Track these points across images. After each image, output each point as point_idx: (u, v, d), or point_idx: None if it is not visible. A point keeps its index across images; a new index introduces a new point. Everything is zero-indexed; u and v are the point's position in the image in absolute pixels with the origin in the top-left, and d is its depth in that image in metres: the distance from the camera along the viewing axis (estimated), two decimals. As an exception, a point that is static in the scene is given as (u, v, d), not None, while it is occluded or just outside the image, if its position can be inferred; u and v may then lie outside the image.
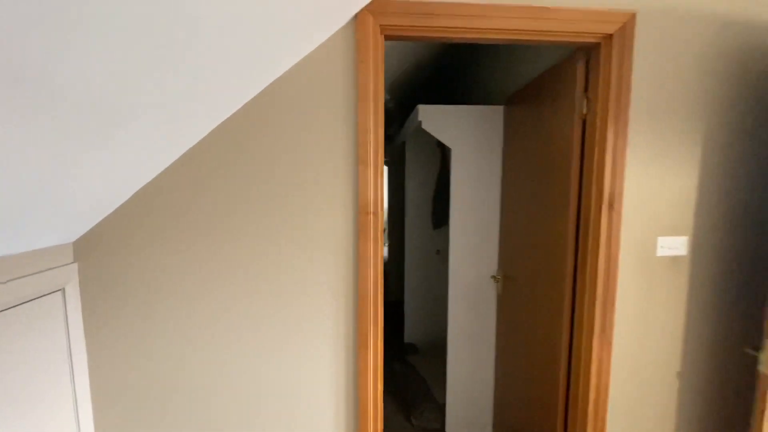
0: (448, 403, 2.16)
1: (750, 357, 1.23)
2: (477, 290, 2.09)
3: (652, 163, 1.24)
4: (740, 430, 1.35)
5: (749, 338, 1.30)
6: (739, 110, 1.24)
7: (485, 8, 1.11)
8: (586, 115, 1.30)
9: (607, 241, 1.23)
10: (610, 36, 1.18)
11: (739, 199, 1.27)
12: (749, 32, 1.22)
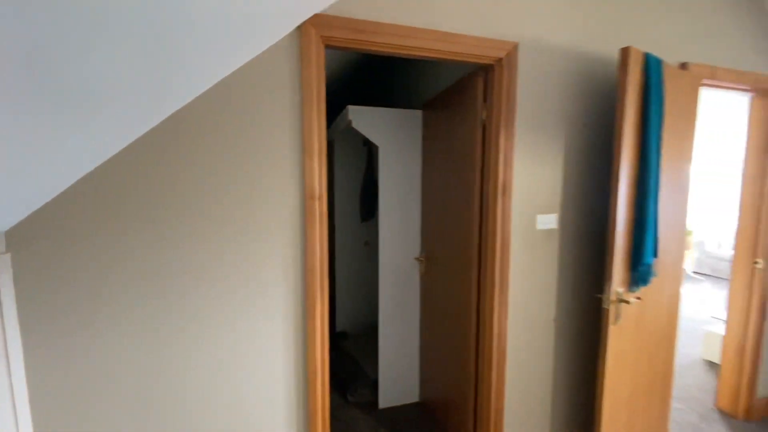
0: (380, 379, 2.39)
1: (599, 300, 1.69)
2: (403, 273, 2.37)
3: (533, 160, 1.62)
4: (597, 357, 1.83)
5: (599, 287, 1.77)
6: (585, 122, 1.70)
7: (411, 30, 1.36)
8: (485, 121, 1.64)
9: (502, 219, 1.57)
10: (501, 59, 1.52)
11: (586, 186, 1.73)
12: (591, 64, 1.68)
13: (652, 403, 1.85)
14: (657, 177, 1.55)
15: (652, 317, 1.75)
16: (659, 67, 1.53)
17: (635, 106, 1.48)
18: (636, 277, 1.56)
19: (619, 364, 1.62)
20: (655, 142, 1.52)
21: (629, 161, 1.49)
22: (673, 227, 1.78)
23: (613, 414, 1.63)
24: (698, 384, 2.74)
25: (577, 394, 1.85)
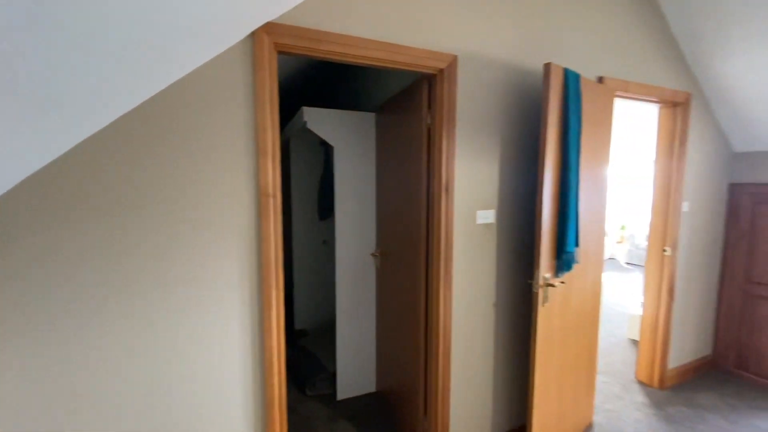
0: (338, 371, 2.48)
1: (530, 285, 1.90)
2: (360, 268, 2.48)
3: (473, 160, 1.79)
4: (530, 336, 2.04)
5: (530, 273, 1.99)
6: (518, 127, 1.90)
7: (358, 40, 1.47)
8: (430, 125, 1.78)
9: (446, 215, 1.73)
10: (442, 70, 1.68)
11: (519, 184, 1.94)
12: (523, 76, 1.88)
13: (579, 375, 2.10)
14: (577, 176, 1.78)
15: (577, 299, 1.99)
16: (577, 80, 1.76)
17: (557, 114, 1.69)
18: (560, 263, 1.78)
19: (549, 342, 1.84)
20: (574, 146, 1.74)
21: (553, 162, 1.70)
22: (594, 220, 2.03)
23: (545, 386, 1.84)
24: (622, 359, 3.09)
25: (515, 369, 2.05)
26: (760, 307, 2.70)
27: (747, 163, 2.77)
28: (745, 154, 2.77)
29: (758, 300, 2.71)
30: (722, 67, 2.39)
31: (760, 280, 2.69)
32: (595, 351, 2.23)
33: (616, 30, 2.17)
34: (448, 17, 1.67)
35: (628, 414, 2.38)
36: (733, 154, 2.84)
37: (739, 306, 2.82)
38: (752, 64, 2.28)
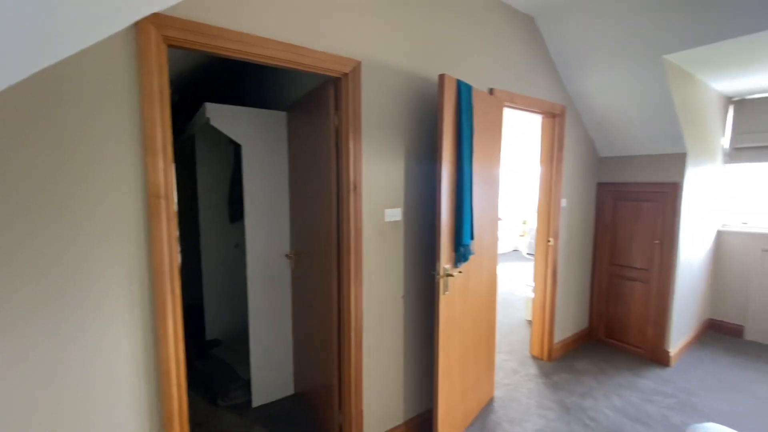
0: (253, 379, 2.40)
1: (433, 276, 2.05)
2: (274, 270, 2.43)
3: (380, 161, 1.89)
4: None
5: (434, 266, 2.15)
6: (420, 131, 2.05)
7: (257, 39, 1.45)
8: (338, 127, 1.83)
9: (355, 213, 1.80)
10: (347, 74, 1.74)
11: (423, 184, 2.09)
12: (424, 84, 2.03)
13: (480, 356, 2.33)
14: (470, 176, 1.98)
15: (475, 287, 2.21)
16: (469, 91, 1.96)
17: (452, 121, 1.87)
18: (458, 255, 1.97)
19: (451, 327, 2.01)
20: (467, 150, 1.94)
21: (449, 164, 1.87)
22: (488, 215, 2.28)
23: (448, 368, 2.01)
24: (520, 338, 3.50)
25: (423, 355, 2.21)
26: (620, 285, 3.28)
27: (609, 166, 3.33)
28: (608, 158, 3.34)
29: (619, 279, 3.29)
30: (585, 86, 2.85)
31: (620, 262, 3.27)
32: (494, 332, 2.50)
33: (506, 49, 2.46)
34: (352, 25, 1.73)
35: (523, 385, 2.71)
36: (600, 158, 3.39)
37: (606, 285, 3.38)
38: (602, 86, 2.76)
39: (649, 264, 3.07)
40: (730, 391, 2.63)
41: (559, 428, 2.24)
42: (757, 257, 3.40)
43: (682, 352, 3.17)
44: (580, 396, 2.57)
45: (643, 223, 3.09)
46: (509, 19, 2.46)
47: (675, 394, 2.60)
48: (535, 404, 2.48)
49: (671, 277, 2.93)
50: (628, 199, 3.18)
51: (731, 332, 3.56)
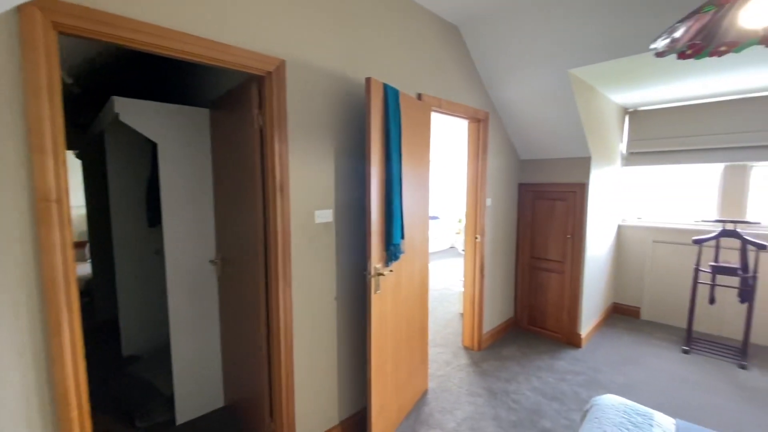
0: (176, 394, 2.24)
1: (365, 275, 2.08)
2: (198, 278, 2.29)
3: (308, 162, 1.87)
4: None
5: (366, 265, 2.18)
6: (350, 132, 2.07)
7: (164, 30, 1.36)
8: (262, 126, 1.78)
9: (282, 215, 1.76)
10: (271, 72, 1.70)
11: (353, 184, 2.12)
12: (353, 86, 2.05)
13: (413, 351, 2.41)
14: (399, 177, 2.04)
15: (407, 285, 2.29)
16: (396, 95, 2.02)
17: (379, 124, 1.91)
18: (389, 254, 2.02)
19: (383, 325, 2.06)
20: (396, 151, 2.00)
21: (378, 166, 1.91)
22: (418, 215, 2.36)
23: (382, 366, 2.05)
24: (454, 331, 3.68)
25: (357, 355, 2.23)
26: (540, 276, 3.59)
27: (528, 168, 3.63)
28: (527, 161, 3.64)
29: (538, 271, 3.60)
30: (505, 94, 3.09)
31: (539, 255, 3.58)
32: (426, 327, 2.60)
33: (434, 56, 2.57)
34: (276, 22, 1.70)
35: (455, 375, 2.85)
36: (520, 160, 3.69)
37: (528, 277, 3.68)
38: (519, 95, 3.01)
39: (562, 256, 3.40)
40: (627, 365, 3.01)
41: (487, 413, 2.40)
42: (649, 247, 3.93)
43: (592, 334, 3.56)
44: (505, 381, 2.77)
45: (557, 219, 3.42)
46: (436, 28, 2.58)
47: (584, 372, 2.91)
48: (465, 392, 2.63)
49: (581, 268, 3.29)
50: (545, 198, 3.50)
51: (631, 314, 4.08)
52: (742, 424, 2.28)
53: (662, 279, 3.85)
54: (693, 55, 1.35)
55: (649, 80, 2.92)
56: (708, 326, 3.57)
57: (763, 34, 1.26)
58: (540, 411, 2.41)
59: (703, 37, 1.31)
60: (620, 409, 1.73)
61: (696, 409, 2.43)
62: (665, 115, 3.78)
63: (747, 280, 2.99)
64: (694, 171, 3.84)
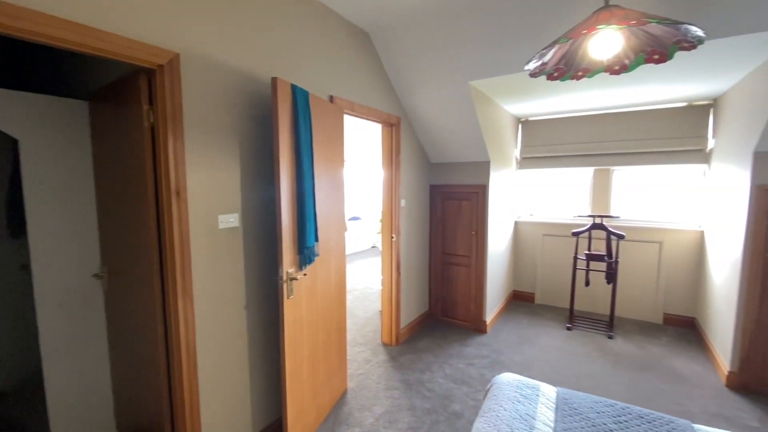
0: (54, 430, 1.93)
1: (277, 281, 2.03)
2: (78, 295, 2.00)
3: (210, 164, 1.75)
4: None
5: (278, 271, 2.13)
6: (257, 133, 2.00)
7: (34, 14, 1.16)
8: (153, 124, 1.62)
9: (179, 221, 1.62)
10: (163, 66, 1.56)
11: (262, 187, 2.05)
12: (261, 86, 1.98)
13: (330, 353, 2.42)
14: (312, 179, 2.03)
15: (323, 287, 2.28)
16: (306, 96, 2.00)
17: (288, 125, 1.88)
18: (303, 258, 1.99)
19: (298, 330, 2.03)
20: (307, 152, 1.98)
21: (288, 167, 1.88)
22: (333, 217, 2.38)
23: (297, 371, 2.02)
24: (374, 329, 3.77)
25: (272, 362, 2.16)
26: (451, 270, 3.87)
27: (438, 171, 3.89)
28: (437, 164, 3.89)
29: (449, 266, 3.87)
30: (414, 101, 3.26)
31: (449, 251, 3.85)
32: (344, 328, 2.62)
33: (346, 60, 2.60)
34: (170, 14, 1.56)
35: (374, 372, 2.93)
36: (431, 163, 3.92)
37: (440, 271, 3.94)
38: (427, 103, 3.21)
39: (469, 251, 3.71)
40: (524, 345, 3.41)
41: (403, 404, 2.51)
42: (540, 240, 4.49)
43: (496, 320, 3.95)
44: (420, 372, 2.93)
45: (463, 217, 3.72)
46: (348, 33, 2.62)
47: (489, 355, 3.22)
48: (383, 387, 2.72)
49: (484, 261, 3.62)
50: (453, 199, 3.78)
51: (527, 299, 4.61)
52: (608, 384, 2.75)
53: (550, 267, 4.44)
54: (558, 78, 1.59)
55: (534, 94, 3.34)
56: (585, 305, 4.22)
57: (607, 64, 1.54)
58: (451, 396, 2.61)
59: (565, 63, 1.55)
60: (514, 385, 1.95)
61: (575, 377, 2.85)
62: (551, 125, 4.36)
63: (611, 265, 3.60)
64: (574, 173, 4.49)
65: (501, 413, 1.72)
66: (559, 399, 1.84)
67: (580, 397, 1.85)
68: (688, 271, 3.73)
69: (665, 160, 3.82)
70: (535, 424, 1.66)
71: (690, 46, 1.28)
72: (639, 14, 1.18)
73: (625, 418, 1.69)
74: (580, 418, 1.69)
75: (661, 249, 3.83)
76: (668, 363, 3.05)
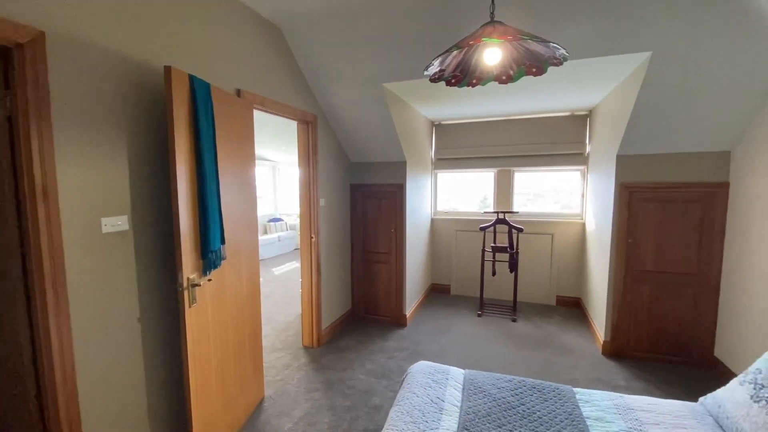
0: None
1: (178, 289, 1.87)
2: None
3: (86, 157, 1.53)
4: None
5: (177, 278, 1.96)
6: (151, 125, 1.81)
7: None
8: (11, 113, 1.37)
9: (48, 227, 1.40)
10: (23, 45, 1.33)
11: (157, 185, 1.86)
12: (148, 73, 1.79)
13: (243, 361, 2.29)
14: (215, 177, 1.90)
15: (233, 292, 2.16)
16: (206, 88, 1.86)
17: (186, 118, 1.73)
18: (207, 262, 1.86)
19: (204, 339, 1.89)
20: (209, 149, 1.85)
21: (187, 164, 1.74)
22: (244, 217, 2.26)
23: (203, 382, 1.88)
24: (295, 333, 3.67)
25: (175, 376, 1.98)
26: (372, 267, 3.94)
27: (358, 170, 3.93)
28: (357, 163, 3.93)
29: (371, 263, 3.94)
30: (331, 100, 3.25)
31: (371, 249, 3.92)
32: (260, 335, 2.51)
33: (256, 54, 2.49)
34: (25, -20, 1.33)
35: (293, 376, 2.85)
36: (351, 163, 3.95)
37: (362, 269, 3.99)
38: (344, 103, 3.23)
39: (389, 248, 3.82)
40: (440, 334, 3.62)
41: (323, 405, 2.49)
42: (454, 236, 4.81)
43: (415, 313, 4.13)
44: (341, 370, 2.94)
45: (383, 216, 3.81)
46: (257, 25, 2.50)
47: (408, 347, 3.35)
48: (303, 390, 2.66)
49: (403, 257, 3.76)
50: (373, 197, 3.86)
51: (444, 291, 4.90)
52: (511, 362, 3.05)
53: (463, 260, 4.78)
54: (456, 84, 1.71)
55: (443, 100, 3.56)
56: (493, 293, 4.63)
57: (497, 74, 1.70)
58: (371, 390, 2.66)
59: (461, 71, 1.68)
60: (426, 372, 2.06)
61: (484, 358, 3.11)
62: (461, 129, 4.69)
63: (513, 256, 4.01)
64: (482, 173, 4.89)
65: (414, 400, 1.81)
66: (466, 380, 2.00)
67: (484, 377, 2.02)
68: (574, 257, 4.32)
69: (554, 162, 4.37)
70: (444, 405, 1.78)
71: (558, 63, 1.49)
72: (516, 31, 1.34)
73: (521, 390, 1.89)
74: (483, 395, 1.85)
75: (553, 240, 4.38)
76: (559, 339, 3.50)
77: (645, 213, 2.98)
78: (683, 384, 2.71)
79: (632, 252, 3.03)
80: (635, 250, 3.02)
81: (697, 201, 2.85)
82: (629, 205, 3.00)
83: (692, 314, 2.93)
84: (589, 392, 1.91)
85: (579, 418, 1.67)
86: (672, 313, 2.98)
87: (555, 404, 1.77)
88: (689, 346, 2.96)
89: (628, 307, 3.09)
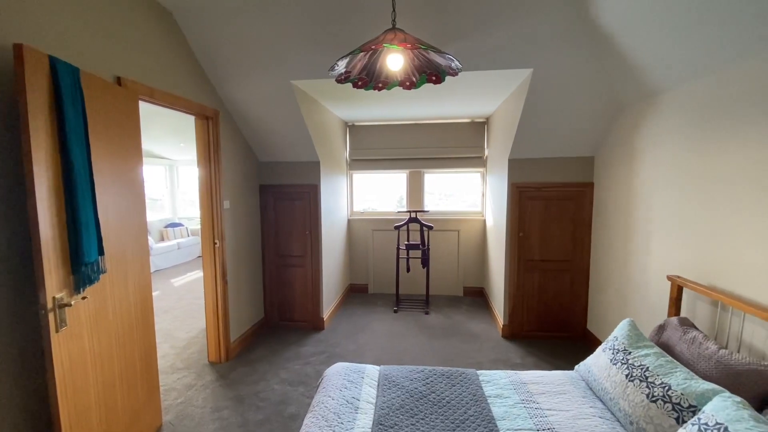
0: None
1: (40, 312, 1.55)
2: None
3: None
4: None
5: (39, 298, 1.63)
6: None
7: None
8: None
9: None
10: None
11: (11, 189, 1.53)
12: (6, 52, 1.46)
13: (134, 386, 2.01)
14: (88, 177, 1.62)
15: (117, 312, 1.87)
16: (74, 73, 1.58)
17: (46, 107, 1.45)
18: (80, 277, 1.58)
19: (81, 367, 1.60)
20: (78, 144, 1.57)
21: (48, 162, 1.45)
22: (129, 223, 1.97)
23: (80, 418, 1.59)
24: (199, 349, 3.34)
25: (45, 417, 1.64)
26: (286, 272, 3.79)
27: (269, 170, 3.74)
28: (267, 163, 3.74)
29: (285, 267, 3.79)
30: (236, 95, 3.04)
31: (284, 253, 3.77)
32: (154, 356, 2.22)
33: (142, 38, 2.19)
34: None
35: (197, 397, 2.59)
36: (260, 162, 3.74)
37: (275, 274, 3.81)
38: (250, 98, 3.05)
39: (304, 251, 3.72)
40: (358, 333, 3.64)
41: (234, 422, 2.32)
42: (370, 235, 4.89)
43: (333, 315, 4.09)
44: (253, 383, 2.76)
45: (297, 217, 3.70)
46: (143, 8, 2.21)
47: (326, 350, 3.30)
48: (209, 410, 2.44)
49: (319, 259, 3.70)
50: (286, 199, 3.71)
51: (362, 290, 4.96)
52: (425, 353, 3.21)
53: (380, 258, 4.89)
54: (362, 87, 1.74)
55: (353, 101, 3.59)
56: (408, 289, 4.83)
57: (401, 79, 1.77)
58: (287, 400, 2.55)
59: (367, 74, 1.71)
60: (342, 374, 2.05)
61: (400, 353, 3.22)
62: (374, 131, 4.79)
63: (425, 252, 4.23)
64: (396, 174, 5.05)
65: (329, 403, 1.78)
66: (381, 376, 2.04)
67: (398, 371, 2.09)
68: (477, 251, 4.73)
69: (459, 165, 4.73)
70: (360, 404, 1.79)
71: (454, 73, 1.61)
72: (414, 39, 1.41)
73: (432, 379, 2.00)
74: (397, 389, 1.91)
75: (459, 235, 4.73)
76: (466, 327, 3.80)
77: (532, 209, 3.40)
78: (565, 356, 3.16)
79: (523, 244, 3.43)
80: (525, 242, 3.43)
81: (571, 199, 3.35)
82: (519, 203, 3.40)
83: (570, 296, 3.44)
84: (490, 373, 2.11)
85: (482, 397, 1.83)
86: (555, 296, 3.45)
87: (461, 388, 1.91)
88: (569, 323, 3.46)
89: (521, 293, 3.49)
